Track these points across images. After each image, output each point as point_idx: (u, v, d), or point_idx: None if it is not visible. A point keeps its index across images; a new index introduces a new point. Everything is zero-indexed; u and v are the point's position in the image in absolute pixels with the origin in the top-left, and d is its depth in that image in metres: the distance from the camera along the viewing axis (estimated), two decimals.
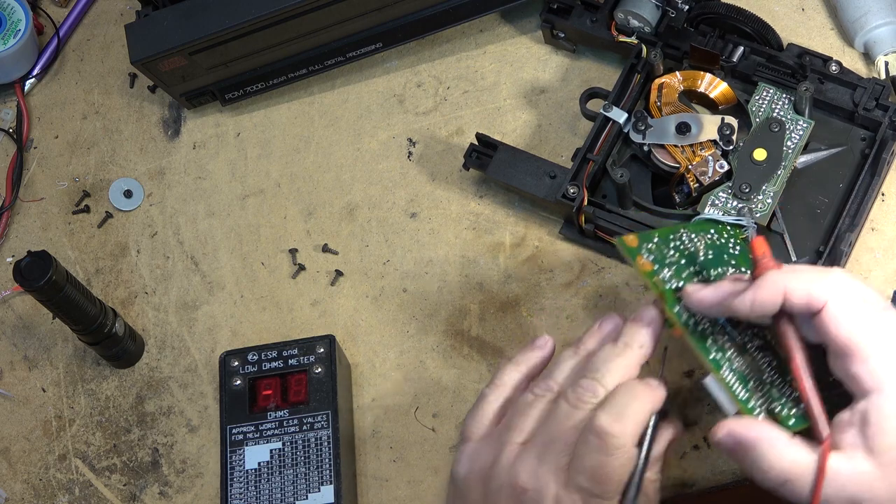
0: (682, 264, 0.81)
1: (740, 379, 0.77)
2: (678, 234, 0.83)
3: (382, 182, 1.01)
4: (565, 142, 0.99)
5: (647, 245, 0.81)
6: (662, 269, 0.80)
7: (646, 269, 0.80)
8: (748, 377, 0.77)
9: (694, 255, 0.82)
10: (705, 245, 0.83)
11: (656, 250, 0.81)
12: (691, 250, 0.82)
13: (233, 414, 0.92)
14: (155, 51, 0.97)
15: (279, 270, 0.99)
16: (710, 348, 0.77)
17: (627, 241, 0.81)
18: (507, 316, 0.94)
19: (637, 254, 0.80)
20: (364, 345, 0.96)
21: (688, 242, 0.83)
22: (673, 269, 0.81)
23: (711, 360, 0.77)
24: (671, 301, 0.79)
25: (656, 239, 0.82)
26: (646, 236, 0.82)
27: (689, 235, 0.83)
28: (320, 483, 0.89)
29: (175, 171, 1.04)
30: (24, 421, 0.98)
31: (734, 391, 0.76)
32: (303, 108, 1.04)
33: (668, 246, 0.82)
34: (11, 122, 1.08)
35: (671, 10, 0.96)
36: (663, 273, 0.80)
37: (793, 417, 0.75)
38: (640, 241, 0.81)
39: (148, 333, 0.99)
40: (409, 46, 1.04)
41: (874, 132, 0.92)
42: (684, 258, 0.82)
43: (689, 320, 0.78)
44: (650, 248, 0.81)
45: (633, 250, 0.80)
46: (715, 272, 0.82)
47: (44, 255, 0.86)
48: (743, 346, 0.78)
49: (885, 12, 0.95)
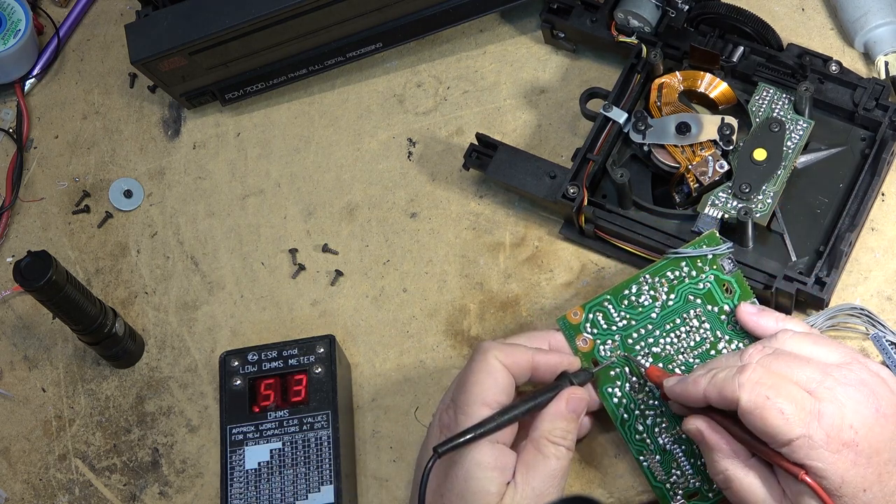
0: (630, 327, 0.86)
1: (662, 461, 0.84)
2: (640, 283, 0.86)
3: (382, 182, 1.01)
4: (565, 142, 0.99)
5: (592, 314, 0.86)
6: (606, 341, 0.86)
7: (584, 351, 0.86)
8: (673, 456, 0.84)
9: (648, 309, 0.86)
10: (667, 289, 0.86)
11: (605, 318, 0.87)
12: (645, 305, 0.86)
13: (233, 414, 0.92)
14: (155, 51, 0.97)
15: (279, 270, 0.99)
16: (633, 433, 0.85)
17: (570, 318, 0.87)
18: (506, 316, 0.94)
19: (578, 332, 0.86)
20: (364, 345, 0.96)
21: (648, 290, 0.86)
22: (618, 337, 0.86)
23: (634, 443, 0.85)
24: (606, 381, 0.85)
25: (607, 301, 0.86)
26: (594, 303, 0.87)
27: (648, 281, 0.86)
28: (320, 483, 0.89)
29: (175, 171, 1.04)
30: (24, 421, 0.98)
31: (651, 475, 0.84)
32: (303, 108, 1.04)
33: (620, 307, 0.86)
34: (11, 122, 1.08)
35: (671, 10, 0.96)
36: (606, 346, 0.86)
37: (714, 492, 0.83)
38: (586, 311, 0.86)
39: (148, 333, 0.99)
40: (409, 46, 1.04)
41: (874, 132, 0.92)
42: (634, 318, 0.86)
43: (619, 402, 0.85)
44: (594, 320, 0.87)
45: (576, 327, 0.86)
46: (676, 320, 0.86)
47: (44, 255, 0.86)
48: (674, 421, 0.84)
49: (885, 12, 0.95)
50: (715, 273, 0.86)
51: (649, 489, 0.86)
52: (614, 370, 0.85)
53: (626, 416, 0.85)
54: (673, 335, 0.85)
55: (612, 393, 0.85)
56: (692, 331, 0.85)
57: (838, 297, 0.90)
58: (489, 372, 0.81)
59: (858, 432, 0.74)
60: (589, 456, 0.89)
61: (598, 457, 0.89)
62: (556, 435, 0.80)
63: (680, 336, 0.85)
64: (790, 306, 0.88)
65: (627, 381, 0.85)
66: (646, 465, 0.84)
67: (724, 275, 0.86)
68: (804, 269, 0.89)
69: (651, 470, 0.84)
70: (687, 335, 0.85)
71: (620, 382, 0.85)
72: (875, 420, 0.75)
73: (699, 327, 0.85)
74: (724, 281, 0.86)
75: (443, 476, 0.81)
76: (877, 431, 0.75)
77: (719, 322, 0.85)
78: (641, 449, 0.84)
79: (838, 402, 0.75)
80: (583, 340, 0.86)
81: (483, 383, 0.81)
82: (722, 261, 0.86)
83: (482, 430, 0.79)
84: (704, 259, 0.86)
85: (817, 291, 0.87)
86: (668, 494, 0.83)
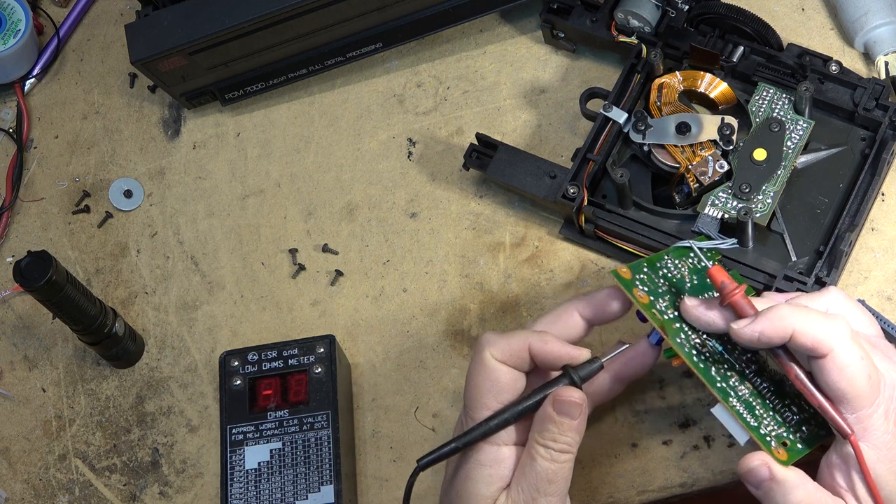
0: (672, 293, 0.82)
1: (747, 407, 0.78)
2: (664, 262, 0.83)
3: (382, 182, 1.01)
4: (565, 142, 0.99)
5: (638, 276, 0.82)
6: (658, 300, 0.81)
7: (643, 302, 0.80)
8: (753, 404, 0.78)
9: (681, 282, 0.83)
10: (689, 270, 0.84)
11: (648, 281, 0.82)
12: (678, 277, 0.83)
13: (233, 414, 0.92)
14: (155, 51, 0.97)
15: (279, 270, 0.99)
16: (715, 378, 0.78)
17: (621, 272, 0.81)
18: (507, 316, 0.94)
19: (633, 286, 0.81)
20: (364, 345, 0.96)
21: (673, 269, 0.83)
22: (667, 298, 0.81)
23: (718, 388, 0.78)
24: (672, 332, 0.79)
25: (646, 268, 0.82)
26: (636, 266, 0.82)
27: (672, 262, 0.84)
28: (320, 483, 0.89)
29: (175, 171, 1.04)
30: (24, 421, 0.98)
31: (744, 419, 0.77)
32: (303, 108, 1.04)
33: (657, 275, 0.82)
34: (11, 122, 1.08)
35: (671, 10, 0.96)
36: (659, 304, 0.81)
37: (799, 442, 0.78)
38: (633, 272, 0.81)
39: (148, 333, 0.99)
40: (409, 46, 1.04)
41: (874, 132, 0.92)
42: (673, 286, 0.82)
43: (691, 351, 0.79)
44: (642, 279, 0.81)
45: (629, 283, 0.81)
46: (705, 294, 0.82)
47: (44, 255, 0.86)
48: (743, 373, 0.79)
49: (885, 12, 0.95)
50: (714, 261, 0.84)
51: (650, 489, 0.86)
52: (677, 323, 0.80)
53: (706, 362, 0.79)
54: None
55: (683, 342, 0.79)
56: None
57: None
58: (485, 373, 0.80)
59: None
60: (589, 456, 0.89)
61: (599, 457, 0.89)
62: (546, 438, 0.78)
63: None
64: None
65: (693, 330, 0.80)
66: (737, 408, 0.78)
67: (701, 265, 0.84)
68: (804, 269, 0.89)
69: (742, 414, 0.78)
70: None
71: (686, 332, 0.80)
72: None
73: None
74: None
75: (452, 473, 0.81)
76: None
77: None
78: (727, 394, 0.78)
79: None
80: (640, 294, 0.80)
81: (480, 385, 0.80)
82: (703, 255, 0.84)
83: (465, 440, 0.79)
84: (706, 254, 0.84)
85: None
86: (762, 437, 0.78)
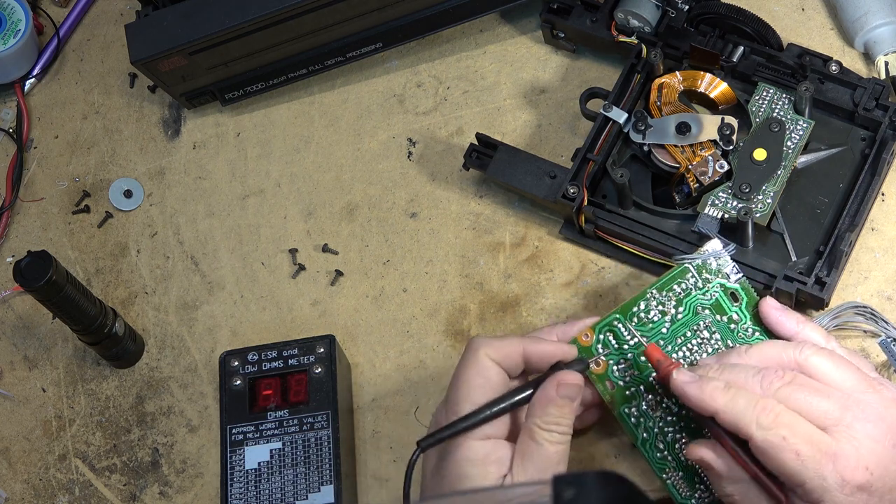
0: (643, 343, 0.84)
1: (686, 479, 0.83)
2: (647, 299, 0.85)
3: (382, 182, 1.01)
4: (565, 142, 0.99)
5: (603, 334, 0.85)
6: (619, 361, 0.85)
7: (598, 373, 0.85)
8: (693, 478, 0.83)
9: (659, 324, 0.85)
10: (675, 302, 0.85)
11: (615, 337, 0.85)
12: (658, 318, 0.85)
13: (233, 414, 0.92)
14: (155, 51, 0.97)
15: (279, 270, 0.99)
16: (655, 452, 0.84)
17: (581, 340, 0.85)
18: (506, 316, 0.94)
19: (590, 355, 0.85)
20: (364, 345, 0.96)
21: (656, 305, 0.85)
22: (629, 357, 0.85)
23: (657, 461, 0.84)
24: (620, 402, 0.85)
25: (617, 322, 0.85)
26: (604, 324, 0.85)
27: (656, 297, 0.86)
28: (320, 483, 0.89)
29: (175, 171, 1.04)
30: (24, 421, 0.98)
31: (677, 494, 0.83)
32: (303, 108, 1.04)
33: (629, 324, 0.85)
34: (11, 122, 1.08)
35: (671, 10, 0.96)
36: (619, 366, 0.85)
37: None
38: (596, 332, 0.85)
39: (148, 333, 0.99)
40: (409, 46, 1.04)
41: (874, 132, 0.92)
42: (648, 333, 0.85)
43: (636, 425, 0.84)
44: (606, 340, 0.85)
45: (588, 350, 0.85)
46: (686, 333, 0.85)
47: (44, 255, 0.86)
48: (673, 443, 0.84)
49: (885, 12, 0.95)
50: (721, 282, 0.85)
51: (650, 489, 0.86)
52: (629, 389, 0.84)
53: (647, 436, 0.84)
54: (685, 348, 0.85)
55: (630, 413, 0.84)
56: (703, 342, 0.85)
57: (838, 297, 0.90)
58: (478, 371, 0.81)
59: (874, 473, 0.73)
60: (589, 457, 0.89)
61: (599, 458, 0.89)
62: (548, 421, 0.79)
63: (692, 349, 0.85)
64: (790, 306, 0.88)
65: (644, 399, 0.84)
66: (670, 482, 0.83)
67: (729, 283, 0.85)
68: (804, 269, 0.89)
69: (675, 487, 0.83)
70: (699, 347, 0.85)
71: (637, 401, 0.84)
72: (891, 457, 0.74)
73: (710, 338, 0.85)
74: (730, 289, 0.85)
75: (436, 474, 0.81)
76: (892, 469, 0.74)
77: (729, 331, 0.85)
78: (664, 466, 0.83)
79: (855, 442, 0.74)
80: (595, 363, 0.84)
81: (472, 382, 0.80)
82: (726, 269, 0.86)
83: (467, 424, 0.79)
84: (710, 269, 0.85)
85: (817, 291, 0.87)
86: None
